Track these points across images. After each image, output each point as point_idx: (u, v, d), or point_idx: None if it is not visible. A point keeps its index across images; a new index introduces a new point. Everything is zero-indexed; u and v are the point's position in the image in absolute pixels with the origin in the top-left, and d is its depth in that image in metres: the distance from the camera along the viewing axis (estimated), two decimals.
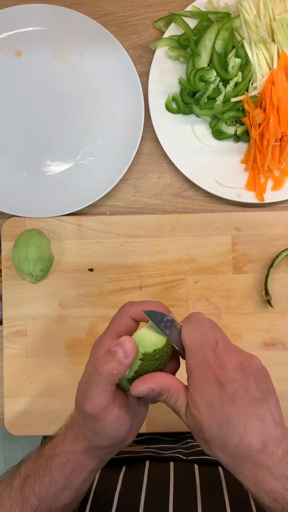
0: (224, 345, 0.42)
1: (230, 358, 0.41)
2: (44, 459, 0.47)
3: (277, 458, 0.38)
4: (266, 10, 0.67)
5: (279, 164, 0.69)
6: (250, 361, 0.41)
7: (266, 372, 0.42)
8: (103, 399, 0.41)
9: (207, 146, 0.72)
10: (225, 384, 0.39)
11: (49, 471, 0.46)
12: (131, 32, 0.74)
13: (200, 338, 0.42)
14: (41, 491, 0.45)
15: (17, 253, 0.67)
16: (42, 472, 0.46)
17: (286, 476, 0.38)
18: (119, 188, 0.73)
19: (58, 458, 0.46)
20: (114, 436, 0.43)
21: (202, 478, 0.54)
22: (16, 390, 0.69)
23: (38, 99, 0.71)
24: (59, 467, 0.45)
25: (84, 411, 0.42)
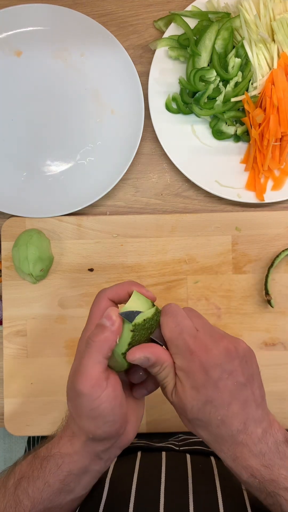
0: (206, 331, 0.43)
1: (214, 344, 0.42)
2: (39, 460, 0.45)
3: (256, 437, 0.41)
4: (266, 10, 0.67)
5: (279, 164, 0.69)
6: (235, 345, 0.42)
7: (251, 356, 0.44)
8: (95, 372, 0.41)
9: (207, 146, 0.72)
10: (209, 369, 0.41)
11: (43, 473, 0.44)
12: (131, 32, 0.74)
13: (177, 328, 0.43)
14: (35, 494, 0.44)
15: (17, 253, 0.67)
16: (36, 474, 0.44)
17: (264, 453, 0.41)
18: (119, 188, 0.73)
19: (53, 460, 0.44)
20: (111, 420, 0.42)
21: (194, 467, 0.53)
22: (16, 390, 0.69)
23: (38, 99, 0.71)
24: (54, 470, 0.44)
25: (77, 390, 0.41)
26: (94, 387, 0.41)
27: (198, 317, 0.45)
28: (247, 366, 0.43)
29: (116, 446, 0.45)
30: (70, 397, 0.44)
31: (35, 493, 0.44)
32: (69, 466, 0.44)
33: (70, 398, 0.44)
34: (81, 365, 0.42)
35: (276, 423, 0.43)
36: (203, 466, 0.54)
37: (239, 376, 0.42)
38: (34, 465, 0.45)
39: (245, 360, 0.43)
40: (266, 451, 0.41)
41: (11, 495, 0.45)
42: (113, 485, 0.51)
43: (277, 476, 0.40)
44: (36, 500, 0.44)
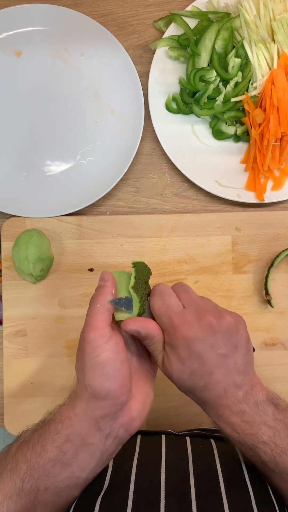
0: (192, 308, 0.47)
1: (197, 320, 0.46)
2: (41, 425, 0.47)
3: (236, 399, 0.46)
4: (266, 10, 0.67)
5: (279, 164, 0.69)
6: (218, 320, 0.46)
7: (237, 327, 0.47)
8: (99, 323, 0.45)
9: (207, 146, 0.72)
10: (191, 344, 0.45)
11: (43, 438, 0.45)
12: (131, 32, 0.74)
13: (163, 305, 0.47)
14: (32, 458, 0.44)
15: (17, 253, 0.67)
16: (36, 438, 0.45)
17: (244, 412, 0.45)
18: (119, 188, 0.73)
19: (54, 424, 0.45)
20: (110, 372, 0.44)
21: (193, 447, 0.54)
22: (16, 390, 0.69)
23: (38, 99, 0.71)
24: (52, 435, 0.45)
25: (83, 339, 0.45)
26: (97, 335, 0.44)
27: (185, 292, 0.49)
28: (231, 337, 0.46)
29: (118, 422, 0.45)
30: (77, 355, 0.47)
31: (32, 457, 0.44)
32: (67, 431, 0.44)
33: (77, 356, 0.47)
34: (87, 319, 0.47)
35: (258, 385, 0.47)
36: (203, 446, 0.55)
37: (221, 348, 0.46)
38: (36, 431, 0.47)
39: (229, 332, 0.46)
40: (246, 410, 0.45)
41: (12, 457, 0.45)
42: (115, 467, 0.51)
43: (256, 430, 0.45)
44: (31, 465, 0.44)
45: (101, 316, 0.46)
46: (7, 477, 0.44)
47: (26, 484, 0.43)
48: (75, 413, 0.45)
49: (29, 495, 0.43)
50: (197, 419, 0.68)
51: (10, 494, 0.43)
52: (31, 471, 0.43)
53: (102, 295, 0.47)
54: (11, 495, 0.43)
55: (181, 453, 0.53)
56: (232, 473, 0.49)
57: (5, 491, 0.43)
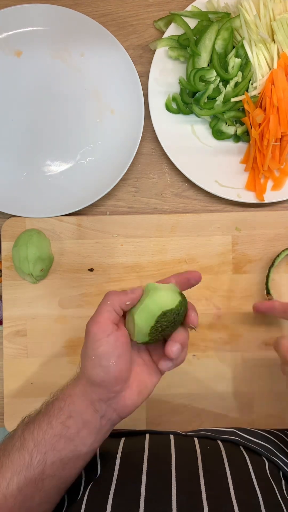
0: None
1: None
2: (45, 405, 0.50)
3: None
4: (266, 10, 0.67)
5: (279, 164, 0.69)
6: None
7: None
8: (103, 318, 0.48)
9: (207, 146, 0.72)
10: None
11: (48, 415, 0.48)
12: (131, 32, 0.74)
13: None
14: (38, 436, 0.47)
15: (17, 253, 0.67)
16: (42, 417, 0.49)
17: None
18: (119, 188, 0.73)
19: (57, 402, 0.49)
20: (105, 364, 0.47)
21: (202, 448, 0.56)
22: (16, 390, 0.69)
23: (38, 99, 0.71)
24: (56, 412, 0.48)
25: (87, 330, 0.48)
26: (99, 330, 0.48)
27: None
28: None
29: (112, 407, 0.49)
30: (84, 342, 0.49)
31: (39, 435, 0.47)
32: (69, 408, 0.48)
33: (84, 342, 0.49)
34: (95, 312, 0.49)
35: None
36: (211, 447, 0.56)
37: None
38: (41, 411, 0.50)
39: None
40: None
41: (19, 437, 0.48)
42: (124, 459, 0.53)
43: None
44: (38, 441, 0.47)
45: (107, 313, 0.49)
46: (15, 455, 0.47)
47: (35, 458, 0.46)
48: (75, 392, 0.49)
49: (38, 469, 0.46)
50: (197, 419, 0.68)
51: (19, 470, 0.46)
52: (38, 447, 0.47)
53: (118, 298, 0.50)
54: (20, 471, 0.46)
55: (190, 453, 0.54)
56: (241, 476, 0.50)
57: (14, 467, 0.46)
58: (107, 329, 0.48)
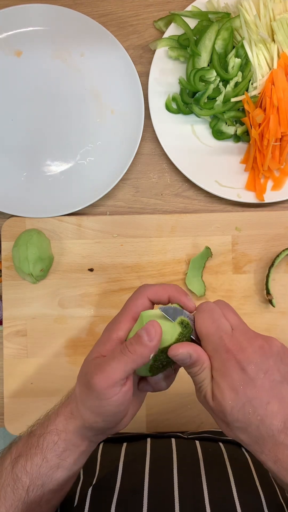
0: (241, 329, 0.43)
1: (249, 342, 0.42)
2: (36, 438, 0.46)
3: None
4: (266, 10, 0.67)
5: (279, 164, 0.69)
6: (269, 343, 0.42)
7: (285, 353, 0.43)
8: (116, 378, 0.41)
9: (207, 146, 0.72)
10: (246, 367, 0.40)
11: (41, 449, 0.44)
12: (131, 32, 0.74)
13: (213, 325, 0.43)
14: (33, 470, 0.44)
15: (17, 253, 0.67)
16: (34, 451, 0.45)
17: None
18: (119, 188, 0.73)
19: (49, 436, 0.45)
20: (111, 420, 0.43)
21: (204, 451, 0.54)
22: (16, 390, 0.69)
23: (38, 99, 0.71)
24: (51, 446, 0.44)
25: (91, 383, 0.41)
26: (108, 389, 0.41)
27: (233, 313, 0.45)
28: (282, 363, 0.42)
29: (106, 434, 0.46)
30: (82, 382, 0.44)
31: (33, 469, 0.44)
32: (65, 443, 0.45)
33: (82, 382, 0.44)
34: (107, 364, 0.42)
35: None
36: (213, 449, 0.55)
37: (275, 374, 0.41)
38: (30, 444, 0.46)
39: (280, 357, 0.42)
40: None
41: (8, 474, 0.45)
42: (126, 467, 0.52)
43: None
44: (34, 476, 0.44)
45: (123, 374, 0.41)
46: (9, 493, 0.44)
47: (31, 492, 0.44)
48: (70, 429, 0.45)
49: (35, 499, 0.44)
50: (197, 420, 0.68)
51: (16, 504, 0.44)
52: (35, 481, 0.44)
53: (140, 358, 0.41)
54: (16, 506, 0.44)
55: (192, 457, 0.53)
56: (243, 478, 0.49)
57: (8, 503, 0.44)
58: (116, 389, 0.41)
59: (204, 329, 0.43)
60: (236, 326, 0.44)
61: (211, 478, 0.48)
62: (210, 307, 0.44)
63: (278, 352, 0.42)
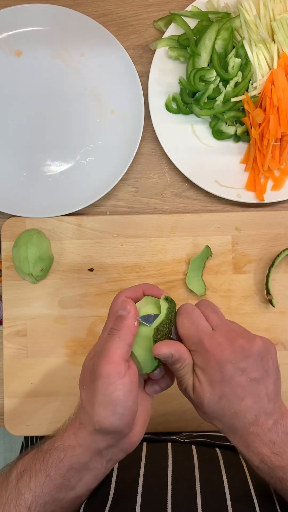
0: (222, 329, 0.45)
1: (229, 342, 0.44)
2: (42, 454, 0.46)
3: (266, 428, 0.43)
4: (266, 10, 0.67)
5: (279, 164, 0.69)
6: (250, 343, 0.44)
7: (268, 352, 0.45)
8: (117, 357, 0.43)
9: (207, 146, 0.72)
10: (223, 367, 0.43)
11: (45, 466, 0.44)
12: (131, 32, 0.74)
13: (192, 327, 0.45)
14: (36, 488, 0.44)
15: (17, 253, 0.67)
16: (38, 467, 0.45)
17: (274, 442, 0.43)
18: (119, 188, 0.73)
19: (55, 452, 0.45)
20: (121, 412, 0.42)
21: (200, 456, 0.54)
22: (16, 390, 0.69)
23: (38, 99, 0.71)
24: (56, 463, 0.44)
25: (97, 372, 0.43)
26: (113, 372, 0.42)
27: (215, 312, 0.47)
28: (262, 362, 0.44)
29: (119, 448, 0.45)
30: (85, 383, 0.45)
31: (36, 486, 0.44)
32: (71, 460, 0.44)
33: (85, 384, 0.45)
34: (104, 349, 0.44)
35: (286, 415, 0.45)
36: (209, 456, 0.55)
37: (252, 373, 0.44)
38: (36, 459, 0.45)
39: (260, 357, 0.44)
40: (276, 440, 0.43)
41: (13, 488, 0.45)
42: (121, 473, 0.51)
43: (287, 463, 0.43)
44: (37, 494, 0.44)
45: (120, 350, 0.43)
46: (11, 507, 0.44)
47: (33, 510, 0.44)
48: (78, 443, 0.44)
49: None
50: (197, 420, 0.68)
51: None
52: (37, 499, 0.44)
53: (125, 329, 0.44)
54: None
55: (187, 464, 0.53)
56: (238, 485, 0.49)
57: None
58: (121, 370, 0.42)
59: (184, 332, 0.46)
60: (217, 326, 0.46)
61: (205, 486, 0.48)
62: (189, 309, 0.47)
63: (259, 352, 0.44)
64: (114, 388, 0.42)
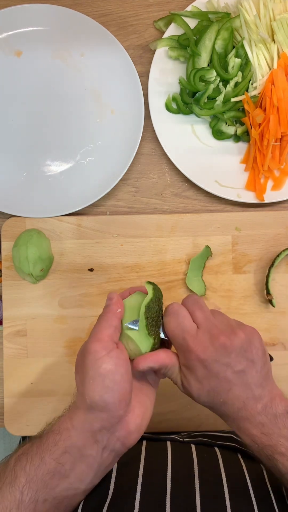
0: (205, 328, 0.48)
1: (211, 341, 0.46)
2: (40, 437, 0.47)
3: (255, 412, 0.46)
4: (266, 10, 0.67)
5: (279, 164, 0.69)
6: (232, 338, 0.46)
7: (251, 342, 0.47)
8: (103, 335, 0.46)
9: (207, 146, 0.72)
10: (208, 365, 0.46)
11: (41, 449, 0.45)
12: (131, 32, 0.74)
13: (178, 327, 0.48)
14: (31, 471, 0.44)
15: (17, 253, 0.67)
16: (35, 450, 0.45)
17: (262, 424, 0.46)
18: (119, 188, 0.73)
19: (52, 436, 0.45)
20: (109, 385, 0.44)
21: (199, 455, 0.55)
22: (16, 390, 0.69)
23: (38, 99, 0.71)
24: (51, 446, 0.45)
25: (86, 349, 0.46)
26: (100, 347, 0.45)
27: (200, 310, 0.49)
28: (246, 353, 0.47)
29: (115, 435, 0.45)
30: (77, 366, 0.47)
31: (31, 470, 0.44)
32: (65, 443, 0.45)
33: (77, 367, 0.47)
34: (93, 331, 0.47)
35: (278, 397, 0.47)
36: (208, 455, 0.56)
37: (237, 366, 0.46)
38: (34, 443, 0.46)
39: (243, 349, 0.46)
40: (266, 421, 0.46)
41: (10, 471, 0.45)
42: (120, 471, 0.51)
43: (275, 442, 0.45)
44: (30, 478, 0.44)
45: (106, 330, 0.47)
46: (6, 490, 0.44)
47: (26, 496, 0.43)
48: (73, 425, 0.45)
49: (28, 507, 0.43)
50: (197, 420, 0.68)
51: (10, 507, 0.43)
52: (30, 483, 0.43)
53: (110, 313, 0.48)
54: (10, 509, 0.43)
55: (187, 462, 0.53)
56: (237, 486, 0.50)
57: (5, 504, 0.43)
58: (108, 346, 0.45)
59: (170, 332, 0.49)
60: (201, 324, 0.48)
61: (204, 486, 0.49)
62: (175, 310, 0.49)
63: (241, 346, 0.46)
64: (101, 361, 0.44)
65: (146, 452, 0.55)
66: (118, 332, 0.48)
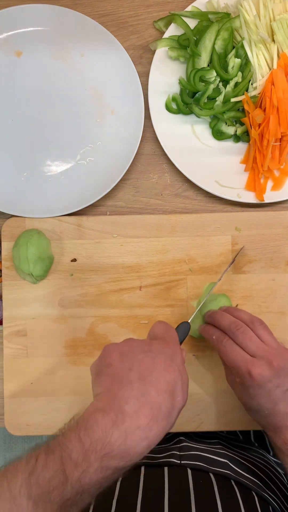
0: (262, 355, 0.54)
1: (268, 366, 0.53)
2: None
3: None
4: (266, 10, 0.67)
5: (279, 164, 0.70)
6: (283, 363, 0.53)
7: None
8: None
9: (207, 146, 0.72)
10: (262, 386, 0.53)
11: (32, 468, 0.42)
12: (131, 32, 0.74)
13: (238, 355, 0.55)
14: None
15: (17, 253, 0.67)
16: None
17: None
18: (119, 188, 0.73)
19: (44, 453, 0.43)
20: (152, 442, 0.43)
21: (195, 482, 0.56)
22: (16, 390, 0.69)
23: (38, 99, 0.71)
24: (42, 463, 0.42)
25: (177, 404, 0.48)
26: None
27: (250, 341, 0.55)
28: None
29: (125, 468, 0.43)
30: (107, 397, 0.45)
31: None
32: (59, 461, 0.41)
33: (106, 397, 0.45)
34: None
35: None
36: (203, 481, 0.57)
37: (285, 386, 0.53)
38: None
39: (286, 371, 0.53)
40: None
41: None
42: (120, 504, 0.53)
43: None
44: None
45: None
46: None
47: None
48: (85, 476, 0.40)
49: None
50: (197, 420, 0.68)
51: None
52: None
53: None
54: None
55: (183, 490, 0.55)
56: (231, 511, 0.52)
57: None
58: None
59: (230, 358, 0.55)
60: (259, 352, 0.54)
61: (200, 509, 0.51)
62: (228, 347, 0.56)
63: (284, 367, 0.53)
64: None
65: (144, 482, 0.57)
66: None
